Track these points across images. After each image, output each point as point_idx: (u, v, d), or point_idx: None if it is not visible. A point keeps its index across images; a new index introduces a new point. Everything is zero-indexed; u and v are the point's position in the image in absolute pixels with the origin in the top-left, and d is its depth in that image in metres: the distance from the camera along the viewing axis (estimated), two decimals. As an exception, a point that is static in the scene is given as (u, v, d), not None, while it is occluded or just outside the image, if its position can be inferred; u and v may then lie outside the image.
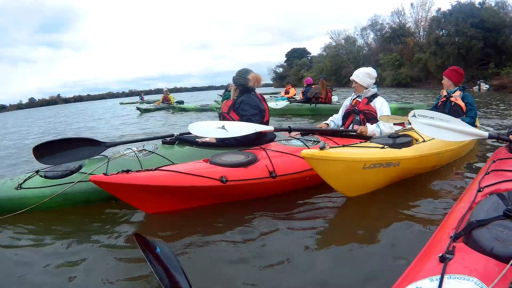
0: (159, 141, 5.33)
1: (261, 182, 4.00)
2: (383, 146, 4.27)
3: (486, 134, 4.06)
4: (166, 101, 25.19)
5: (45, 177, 4.41)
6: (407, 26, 77.23)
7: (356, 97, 5.89)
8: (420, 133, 4.85)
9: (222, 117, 5.46)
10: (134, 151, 4.91)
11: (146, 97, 43.34)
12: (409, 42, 71.18)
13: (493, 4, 58.97)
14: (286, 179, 4.16)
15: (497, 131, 8.52)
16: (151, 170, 3.70)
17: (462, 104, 6.57)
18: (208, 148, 5.06)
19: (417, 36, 74.71)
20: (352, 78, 5.88)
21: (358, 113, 5.72)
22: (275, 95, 23.77)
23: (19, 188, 4.27)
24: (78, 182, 4.28)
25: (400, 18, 78.46)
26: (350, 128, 5.72)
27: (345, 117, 5.95)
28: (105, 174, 3.46)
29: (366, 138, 5.07)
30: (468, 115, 6.45)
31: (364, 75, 5.73)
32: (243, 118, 5.06)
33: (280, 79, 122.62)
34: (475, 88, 48.43)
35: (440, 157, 5.06)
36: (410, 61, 66.75)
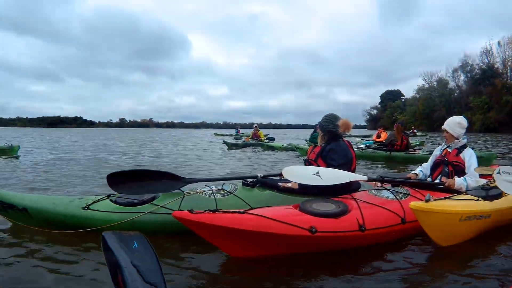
0: (240, 182, 5.14)
1: (350, 235, 3.82)
2: (478, 198, 4.26)
3: None
4: (256, 137, 24.24)
5: (116, 202, 4.45)
6: (496, 66, 75.01)
7: (446, 147, 5.66)
8: None
9: (308, 163, 5.21)
10: (211, 190, 4.79)
11: (242, 130, 41.51)
12: (497, 84, 68.51)
13: None
14: (375, 233, 3.98)
15: None
16: (239, 212, 3.56)
17: None
18: (290, 194, 4.82)
19: (505, 77, 72.29)
20: (443, 127, 5.64)
21: (447, 165, 5.49)
22: (367, 139, 22.61)
23: (86, 208, 4.36)
24: (148, 212, 4.31)
25: (489, 58, 76.57)
26: (438, 179, 5.55)
27: (434, 167, 5.73)
28: (189, 211, 3.38)
29: (453, 191, 4.87)
30: None
31: (455, 124, 5.50)
32: (331, 167, 4.78)
33: (374, 121, 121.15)
34: None
35: None
36: (498, 104, 64.84)
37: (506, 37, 73.09)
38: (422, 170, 5.80)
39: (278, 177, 5.21)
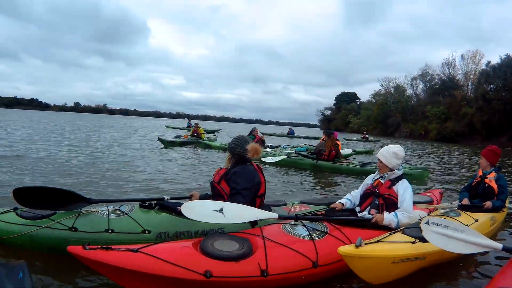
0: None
1: (250, 280, 3.49)
2: (414, 240, 4.06)
3: (499, 246, 3.78)
4: (196, 134, 22.90)
5: (20, 215, 4.36)
6: (457, 78, 76.48)
7: (378, 178, 5.21)
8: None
9: (212, 186, 4.92)
10: (107, 209, 4.60)
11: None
12: (457, 96, 69.79)
13: None
14: (280, 279, 3.63)
15: None
16: (132, 250, 3.27)
17: (495, 186, 6.39)
18: (188, 219, 4.19)
19: (466, 89, 73.79)
20: (377, 156, 5.22)
21: (378, 197, 5.05)
22: (309, 143, 20.81)
23: None
24: (44, 227, 4.22)
25: (450, 70, 77.87)
26: (366, 210, 5.13)
27: (364, 197, 5.25)
28: (83, 246, 3.17)
29: (382, 228, 4.59)
30: (499, 198, 6.32)
31: (391, 155, 5.07)
32: (233, 191, 4.59)
33: (327, 121, 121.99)
34: None
35: None
36: (456, 115, 65.55)
37: (471, 51, 74.93)
38: (350, 199, 5.38)
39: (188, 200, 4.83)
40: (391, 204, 4.95)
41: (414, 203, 5.52)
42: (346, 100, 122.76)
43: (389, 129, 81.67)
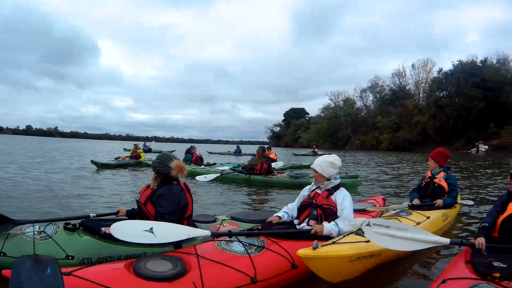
0: (75, 222, 4.62)
1: None
2: (367, 240, 4.00)
3: (447, 241, 3.91)
4: (135, 157, 20.80)
5: None
6: (407, 88, 76.63)
7: (315, 188, 4.97)
8: (400, 220, 5.24)
9: (138, 205, 4.65)
10: (33, 231, 4.23)
11: (149, 144, 41.46)
12: (408, 105, 69.62)
13: (494, 61, 59.68)
14: None
15: (482, 206, 8.56)
16: (65, 274, 2.94)
17: (445, 184, 6.66)
18: (114, 243, 4.14)
19: (417, 98, 73.92)
20: (312, 166, 4.98)
21: (316, 207, 4.78)
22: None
23: None
24: None
25: (401, 80, 77.79)
26: (305, 222, 4.83)
27: (301, 209, 4.97)
28: None
29: (322, 238, 4.26)
30: (450, 195, 6.59)
31: (327, 165, 4.85)
32: (158, 214, 4.32)
33: (277, 138, 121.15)
34: (473, 150, 49.31)
35: None
36: (408, 124, 65.43)
37: (421, 60, 75.11)
38: (287, 212, 5.09)
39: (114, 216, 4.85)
40: (330, 214, 4.71)
41: (357, 211, 5.55)
42: (295, 115, 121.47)
43: (340, 142, 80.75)
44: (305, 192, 5.18)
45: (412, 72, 75.35)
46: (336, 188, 4.89)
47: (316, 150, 46.17)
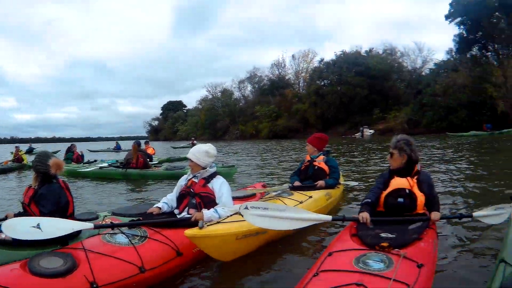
0: None
1: None
2: None
3: (329, 218, 4.21)
4: (17, 160, 20.23)
5: None
6: (287, 77, 77.79)
7: (192, 177, 5.05)
8: (283, 200, 5.49)
9: (23, 208, 4.56)
10: None
11: (36, 146, 40.34)
12: (287, 94, 70.51)
13: (380, 52, 61.88)
14: None
15: (367, 185, 8.84)
16: None
17: (326, 167, 6.90)
18: (6, 248, 4.02)
19: (297, 87, 75.16)
20: (188, 156, 5.03)
21: (194, 196, 4.89)
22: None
23: None
24: None
25: (280, 70, 78.83)
26: (185, 211, 4.92)
27: (180, 198, 5.06)
28: None
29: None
30: (331, 176, 6.84)
31: (201, 153, 4.96)
32: (41, 214, 4.16)
33: (155, 132, 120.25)
34: (358, 134, 50.27)
35: None
36: (288, 112, 66.62)
37: (302, 50, 76.77)
38: (166, 203, 5.18)
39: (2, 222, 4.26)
40: (209, 202, 4.84)
41: (237, 198, 5.59)
42: (172, 108, 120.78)
43: (218, 132, 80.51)
44: (182, 181, 5.23)
45: (292, 62, 76.40)
46: (212, 176, 5.01)
47: (195, 142, 44.65)
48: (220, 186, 4.87)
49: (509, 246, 3.25)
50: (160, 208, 4.99)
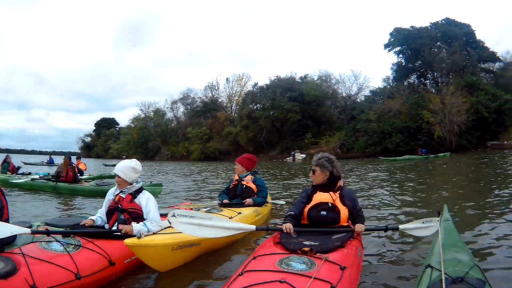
0: None
1: None
2: None
3: (253, 227, 4.32)
4: None
5: None
6: (220, 100, 77.68)
7: (119, 193, 5.00)
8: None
9: None
10: None
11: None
12: (220, 116, 70.58)
13: (315, 78, 62.35)
14: None
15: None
16: None
17: (254, 186, 7.07)
18: None
19: (229, 110, 75.23)
20: (115, 172, 5.03)
21: (122, 212, 4.87)
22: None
23: None
24: None
25: (214, 93, 78.50)
26: (114, 226, 4.88)
27: (109, 214, 5.00)
28: None
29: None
30: (259, 195, 7.01)
31: (128, 169, 4.97)
32: None
33: (88, 148, 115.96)
34: (289, 158, 50.26)
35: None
36: (219, 134, 66.25)
37: (237, 74, 76.42)
38: (100, 217, 5.18)
39: None
40: (137, 217, 4.85)
41: (164, 215, 5.06)
42: (105, 126, 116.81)
43: (150, 152, 79.05)
44: (110, 196, 5.15)
45: (226, 85, 76.09)
46: (139, 191, 5.02)
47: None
48: (147, 202, 4.89)
49: (436, 253, 3.35)
50: (93, 220, 4.99)
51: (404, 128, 43.91)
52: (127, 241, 3.94)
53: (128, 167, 4.93)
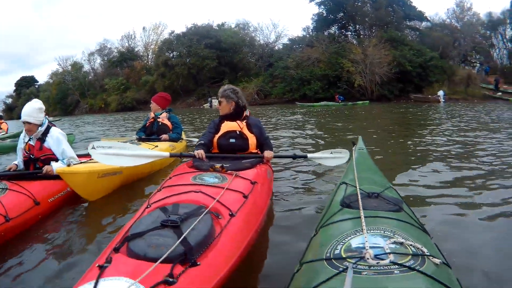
0: None
1: None
2: None
3: (167, 154, 4.44)
4: None
5: None
6: (136, 49, 74.52)
7: (28, 141, 4.73)
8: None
9: None
10: None
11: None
12: (136, 66, 67.89)
13: (233, 26, 61.29)
14: None
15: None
16: None
17: (169, 123, 7.25)
18: None
19: (146, 59, 72.29)
20: (25, 119, 4.56)
21: (36, 161, 4.72)
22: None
23: None
24: None
25: (130, 42, 75.06)
26: None
27: (26, 164, 4.80)
28: None
29: (56, 177, 4.45)
30: (174, 131, 7.23)
31: (37, 111, 4.63)
32: None
33: (10, 110, 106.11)
34: (206, 105, 49.32)
35: (152, 164, 5.32)
36: (136, 84, 63.75)
37: (153, 23, 76.71)
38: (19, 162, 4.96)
39: None
40: (55, 160, 4.71)
41: (81, 155, 5.33)
42: (25, 85, 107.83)
43: (69, 107, 75.10)
44: (20, 144, 4.91)
45: (143, 34, 73.35)
46: (45, 133, 4.75)
47: (46, 117, 39.12)
48: (57, 143, 4.70)
49: (350, 172, 3.51)
50: (16, 165, 4.83)
51: (323, 76, 43.59)
52: (58, 169, 4.16)
53: (35, 109, 4.64)
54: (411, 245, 1.88)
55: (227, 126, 4.49)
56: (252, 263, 2.92)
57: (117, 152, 3.96)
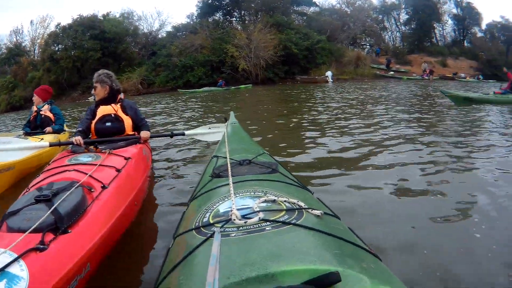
0: None
1: None
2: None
3: (46, 144, 4.45)
4: None
5: None
6: (23, 44, 69.54)
7: None
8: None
9: None
10: None
11: None
12: (23, 62, 63.03)
13: (117, 15, 58.52)
14: None
15: None
16: None
17: (51, 115, 7.11)
18: None
19: (32, 54, 67.20)
20: None
21: None
22: None
23: None
24: None
25: (18, 37, 70.20)
26: None
27: None
28: None
29: None
30: (57, 123, 7.08)
31: None
32: None
33: None
34: (91, 98, 44.19)
35: (40, 157, 5.38)
36: (23, 81, 59.13)
37: (41, 16, 72.95)
38: None
39: None
40: None
41: None
42: None
43: None
44: None
45: (30, 28, 69.17)
46: None
47: None
48: None
49: (222, 146, 3.55)
50: None
51: (207, 62, 43.54)
52: None
53: None
54: (285, 201, 1.85)
55: (102, 110, 4.47)
56: (130, 238, 2.96)
57: (3, 147, 4.14)
